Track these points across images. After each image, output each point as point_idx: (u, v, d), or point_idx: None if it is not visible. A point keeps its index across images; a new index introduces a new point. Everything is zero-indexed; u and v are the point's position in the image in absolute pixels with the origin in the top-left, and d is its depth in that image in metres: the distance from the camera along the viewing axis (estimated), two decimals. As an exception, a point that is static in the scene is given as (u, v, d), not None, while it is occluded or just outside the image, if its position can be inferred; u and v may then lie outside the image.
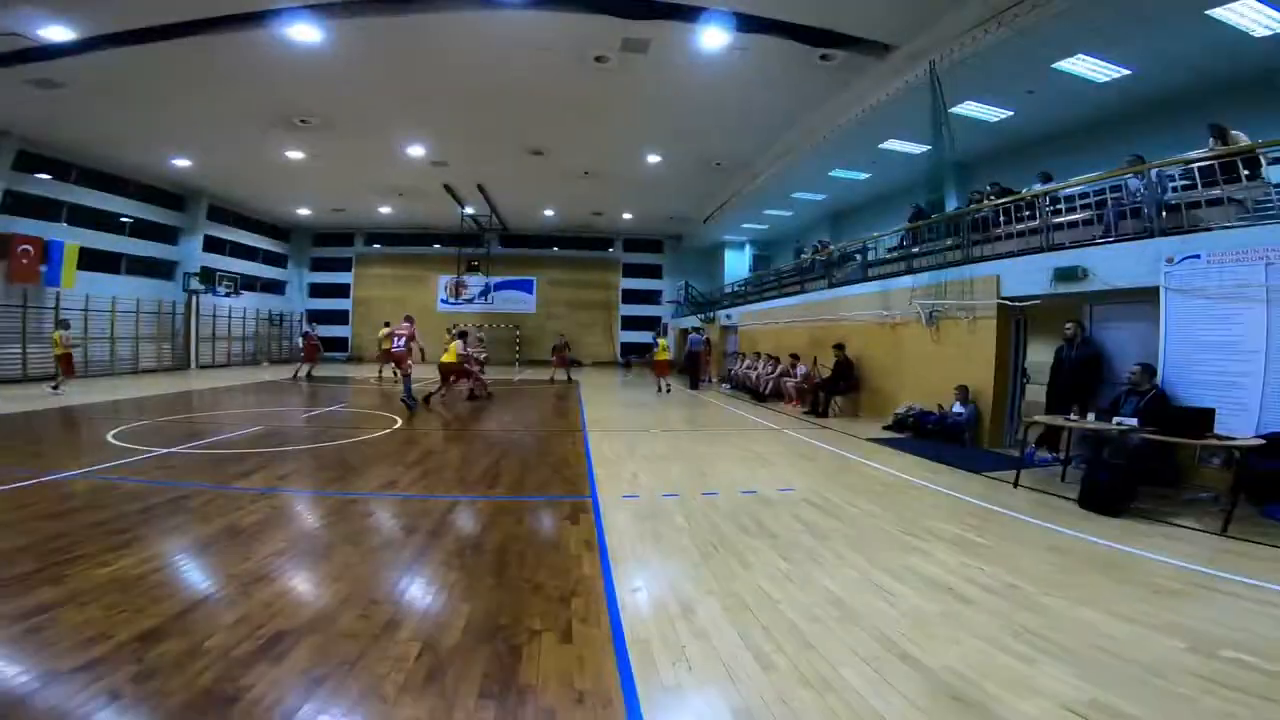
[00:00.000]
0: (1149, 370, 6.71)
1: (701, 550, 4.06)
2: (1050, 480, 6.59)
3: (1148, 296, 7.09)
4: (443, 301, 29.54)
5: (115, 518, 4.30)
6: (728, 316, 20.40)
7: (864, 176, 18.01)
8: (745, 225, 25.08)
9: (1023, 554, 4.16)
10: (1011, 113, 12.66)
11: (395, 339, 11.94)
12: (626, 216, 26.45)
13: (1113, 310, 7.95)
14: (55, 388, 12.70)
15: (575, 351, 29.56)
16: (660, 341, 17.57)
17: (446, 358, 11.84)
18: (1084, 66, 10.44)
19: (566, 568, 3.64)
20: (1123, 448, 6.38)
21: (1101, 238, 8.12)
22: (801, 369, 13.20)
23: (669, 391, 15.84)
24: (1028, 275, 8.61)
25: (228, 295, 22.59)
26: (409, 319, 12.53)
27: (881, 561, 3.95)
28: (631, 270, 30.92)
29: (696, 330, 23.88)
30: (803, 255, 19.73)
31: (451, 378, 11.97)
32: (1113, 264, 7.53)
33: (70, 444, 7.27)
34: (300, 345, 19.49)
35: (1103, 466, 5.86)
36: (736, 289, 22.89)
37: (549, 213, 25.89)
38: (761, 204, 21.37)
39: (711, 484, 5.91)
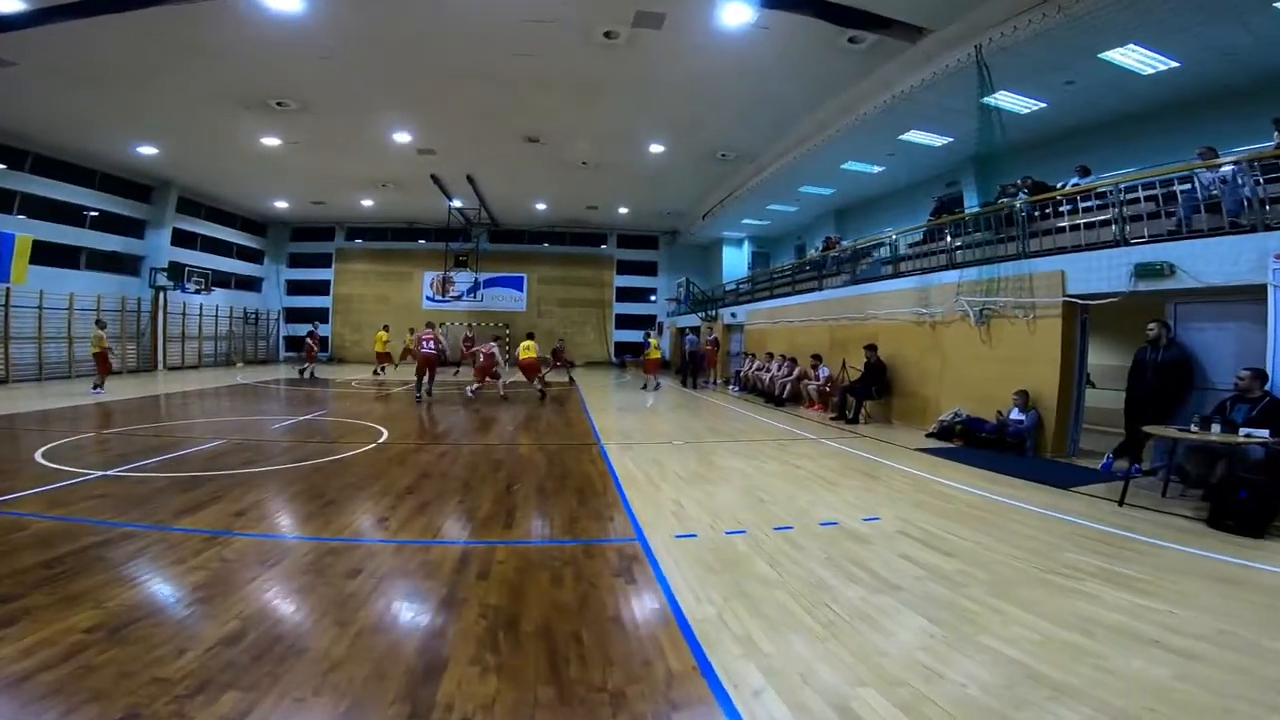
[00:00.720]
0: (1260, 375, 5.89)
1: (815, 614, 3.03)
2: (1142, 494, 5.81)
3: (1246, 295, 6.32)
4: (429, 299, 28.23)
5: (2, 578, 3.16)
6: (732, 315, 19.42)
7: (877, 170, 17.27)
8: (746, 221, 24.20)
9: (1197, 590, 3.43)
10: (1044, 104, 12.03)
11: (423, 344, 13.19)
12: (622, 211, 25.37)
13: (1201, 310, 7.09)
14: (95, 387, 13.26)
15: (568, 351, 28.50)
16: (651, 341, 18.78)
17: (526, 354, 13.84)
18: (1133, 58, 9.88)
19: (644, 658, 2.57)
20: (1243, 460, 5.55)
21: (1176, 231, 7.31)
22: (824, 371, 12.25)
23: (657, 388, 17.05)
24: (1100, 271, 7.77)
25: (198, 292, 21.14)
26: (431, 326, 14.11)
27: (1044, 611, 3.11)
28: (625, 267, 29.85)
29: (694, 330, 23.31)
30: (812, 251, 18.89)
31: (532, 374, 13.82)
32: (1205, 260, 6.72)
33: (-15, 465, 6.01)
34: (310, 346, 19.35)
35: (1239, 483, 4.99)
36: (742, 286, 21.90)
37: (541, 206, 24.74)
38: (766, 198, 20.48)
39: (778, 514, 4.88)
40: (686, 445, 7.91)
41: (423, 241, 28.26)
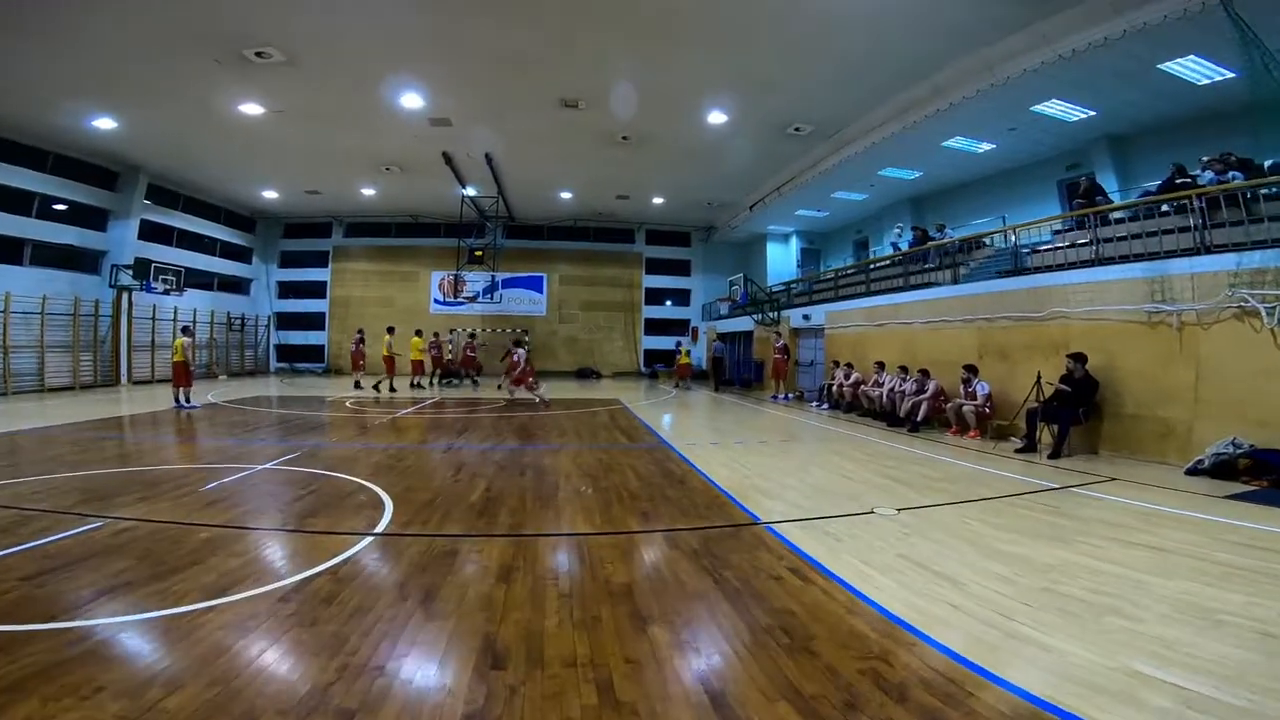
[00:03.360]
0: None
1: None
2: None
3: None
4: (437, 302, 25.15)
5: None
6: (804, 317, 16.31)
7: (984, 148, 14.35)
8: (800, 212, 21.15)
9: None
10: (1234, 74, 9.37)
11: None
12: (657, 201, 22.32)
13: None
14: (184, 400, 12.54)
15: (594, 360, 25.48)
16: (682, 349, 20.77)
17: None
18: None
19: None
20: None
21: None
22: (982, 387, 9.15)
23: (689, 389, 19.10)
24: None
25: (167, 293, 18.02)
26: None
27: None
28: (655, 266, 26.69)
29: (721, 337, 22.55)
30: (891, 243, 15.86)
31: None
32: None
33: None
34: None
35: None
36: (818, 283, 18.75)
37: (566, 195, 21.69)
38: (835, 184, 17.49)
39: None
40: (904, 514, 4.78)
41: (431, 240, 25.18)
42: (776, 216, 21.81)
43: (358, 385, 16.83)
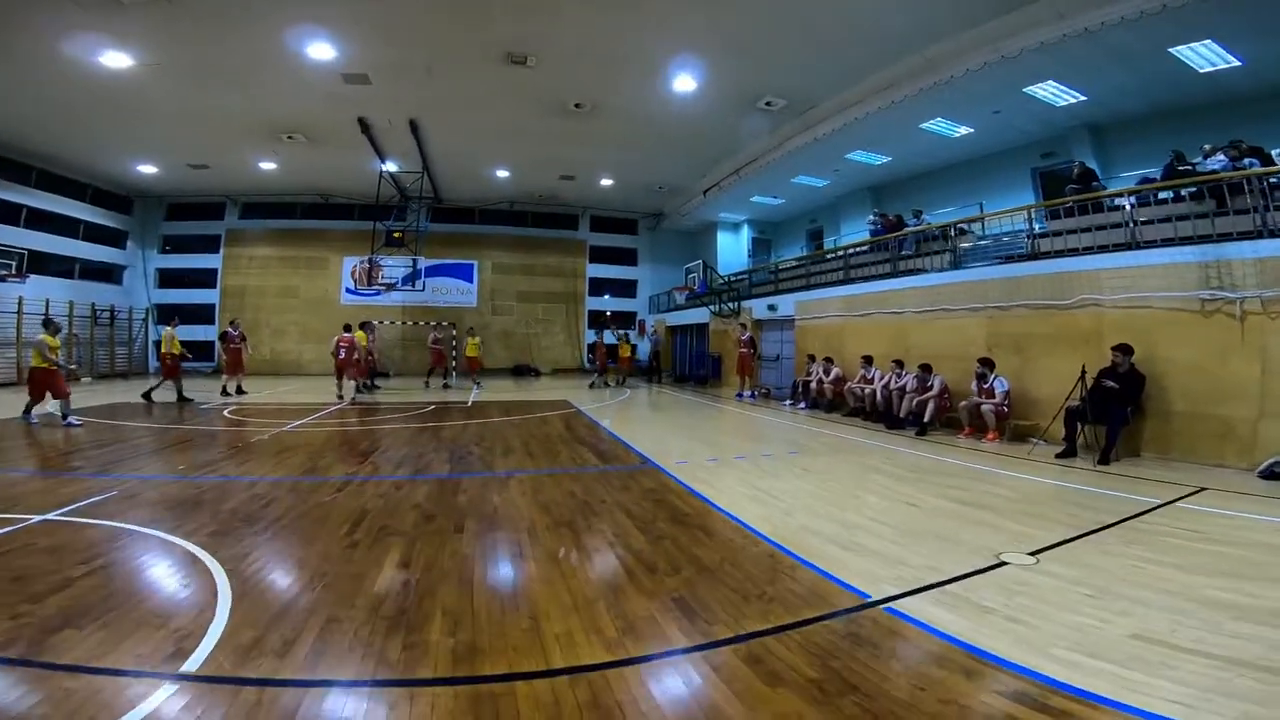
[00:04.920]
0: None
1: None
2: None
3: None
4: (349, 291, 22.38)
5: None
6: (770, 308, 15.17)
7: (961, 132, 13.64)
8: (756, 199, 20.10)
9: None
10: (1241, 63, 9.20)
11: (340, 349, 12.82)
12: (605, 183, 20.60)
13: None
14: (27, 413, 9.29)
15: (532, 356, 23.56)
16: (622, 335, 19.95)
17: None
18: None
19: None
20: None
21: None
22: (1000, 384, 8.20)
23: (622, 383, 18.46)
24: None
25: (4, 279, 14.69)
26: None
27: None
28: (600, 255, 24.92)
29: (653, 330, 22.53)
30: (870, 229, 14.96)
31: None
32: None
33: None
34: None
35: None
36: (781, 271, 17.45)
37: (503, 174, 19.58)
38: (797, 167, 16.48)
39: None
40: (1044, 560, 3.50)
41: (342, 221, 22.34)
42: (730, 203, 20.67)
43: (224, 391, 14.22)
